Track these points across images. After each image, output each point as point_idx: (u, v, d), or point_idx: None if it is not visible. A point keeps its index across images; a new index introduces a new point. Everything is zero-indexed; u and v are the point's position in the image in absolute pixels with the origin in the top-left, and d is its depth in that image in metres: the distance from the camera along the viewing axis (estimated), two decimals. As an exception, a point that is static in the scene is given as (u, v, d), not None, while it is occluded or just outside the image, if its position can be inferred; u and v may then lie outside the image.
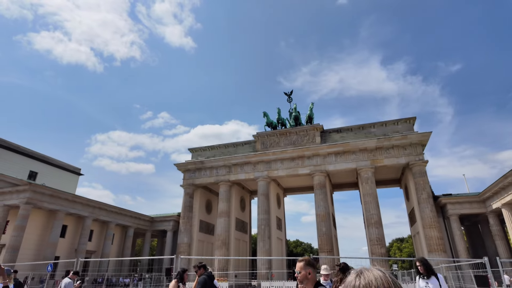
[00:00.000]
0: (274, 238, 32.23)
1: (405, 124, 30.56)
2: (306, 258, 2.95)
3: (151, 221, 37.49)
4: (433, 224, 25.93)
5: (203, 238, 35.92)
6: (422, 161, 27.90)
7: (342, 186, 39.54)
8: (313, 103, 34.48)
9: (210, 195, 39.06)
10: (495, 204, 25.29)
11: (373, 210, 27.94)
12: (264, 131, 34.01)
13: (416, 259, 6.12)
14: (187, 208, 34.25)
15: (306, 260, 2.91)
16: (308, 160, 30.88)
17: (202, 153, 37.07)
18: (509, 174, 21.76)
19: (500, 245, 26.15)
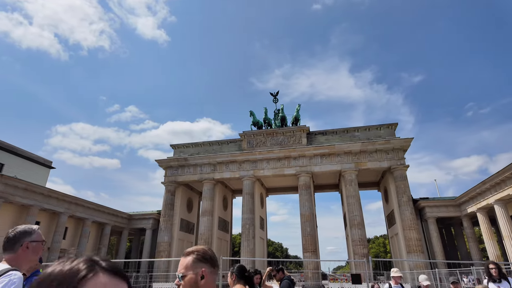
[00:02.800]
0: (257, 238, 32.17)
1: (387, 129, 31.61)
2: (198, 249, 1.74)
3: (129, 219, 36.12)
4: (413, 226, 27.02)
5: (183, 237, 35.14)
6: (404, 166, 28.97)
7: (323, 188, 40.22)
8: (299, 104, 34.84)
9: (191, 193, 38.32)
10: (470, 208, 26.80)
11: (356, 212, 28.62)
12: (251, 130, 33.85)
13: (489, 262, 6.11)
14: (168, 206, 33.33)
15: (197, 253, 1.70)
16: (294, 160, 31.11)
17: (185, 150, 36.22)
18: (487, 181, 23.14)
19: (473, 247, 27.76)
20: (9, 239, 2.27)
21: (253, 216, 31.11)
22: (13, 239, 2.27)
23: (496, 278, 5.67)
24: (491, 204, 23.95)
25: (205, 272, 1.64)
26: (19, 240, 2.28)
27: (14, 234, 2.29)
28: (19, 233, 2.30)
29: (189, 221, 36.98)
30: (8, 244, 2.26)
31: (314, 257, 27.81)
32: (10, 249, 2.26)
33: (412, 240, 26.47)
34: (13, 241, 2.27)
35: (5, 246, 2.27)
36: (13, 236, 2.28)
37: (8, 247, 2.26)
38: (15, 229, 2.33)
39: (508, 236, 22.78)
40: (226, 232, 37.80)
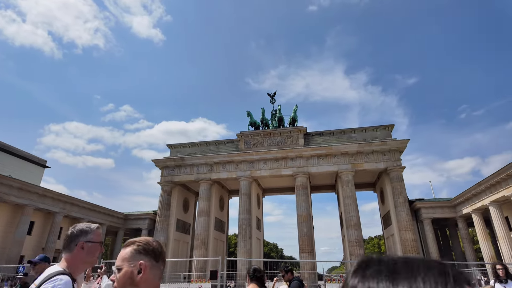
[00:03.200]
0: (254, 238, 32.14)
1: (383, 130, 31.80)
2: (140, 239, 1.58)
3: (125, 219, 35.87)
4: (409, 227, 27.20)
5: (179, 238, 35.00)
6: (400, 167, 29.16)
7: (319, 188, 40.30)
8: (297, 105, 34.94)
9: (187, 194, 38.18)
10: (465, 210, 27.09)
11: (353, 212, 28.76)
12: (248, 131, 33.84)
13: (496, 263, 6.17)
14: (165, 206, 33.18)
15: (138, 244, 1.52)
16: (292, 161, 31.15)
17: (182, 150, 36.07)
18: (483, 182, 23.41)
19: (468, 248, 28.07)
20: (67, 237, 2.14)
21: (250, 216, 31.08)
22: (70, 237, 2.12)
23: (503, 279, 5.73)
24: (486, 205, 24.24)
25: (143, 266, 1.41)
26: (75, 239, 2.12)
27: (72, 232, 2.15)
28: (76, 231, 2.15)
29: (185, 221, 36.84)
30: (66, 243, 2.14)
31: (311, 258, 27.87)
32: (67, 248, 2.11)
33: (408, 241, 26.66)
34: (69, 239, 2.12)
35: (64, 245, 2.15)
36: (70, 235, 2.14)
37: (66, 246, 2.12)
38: (74, 227, 2.20)
39: (502, 237, 23.06)
40: (222, 233, 37.71)
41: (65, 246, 2.12)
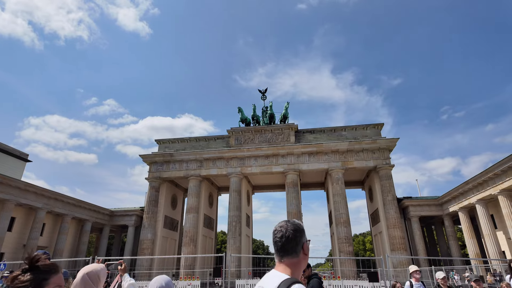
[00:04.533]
0: (243, 235, 31.93)
1: (373, 129, 32.08)
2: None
3: (111, 215, 34.91)
4: (397, 225, 27.59)
5: (167, 235, 34.40)
6: (389, 165, 29.50)
7: (309, 186, 40.44)
8: (288, 102, 34.79)
9: (176, 190, 37.56)
10: (452, 208, 27.69)
11: (342, 210, 28.93)
12: (239, 127, 33.49)
13: (510, 260, 6.14)
14: (152, 202, 32.49)
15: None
16: (282, 158, 31.04)
17: (171, 145, 35.38)
18: (470, 181, 23.93)
19: (453, 245, 28.73)
20: (291, 239, 1.65)
21: (240, 213, 30.82)
22: (295, 239, 1.65)
23: None
24: (473, 203, 24.82)
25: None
26: (300, 240, 1.67)
27: (293, 232, 1.66)
28: (296, 230, 1.68)
29: (173, 218, 36.24)
30: (291, 246, 1.64)
31: (300, 255, 27.89)
32: (293, 252, 1.63)
33: (396, 238, 27.03)
34: (295, 242, 1.65)
35: (286, 248, 1.63)
36: (293, 236, 1.66)
37: (290, 250, 1.63)
38: (289, 226, 1.69)
39: (488, 234, 23.67)
40: (211, 230, 37.33)
41: (290, 250, 1.62)
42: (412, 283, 7.26)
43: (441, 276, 6.98)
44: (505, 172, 21.11)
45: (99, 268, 2.96)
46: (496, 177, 21.94)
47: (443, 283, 7.02)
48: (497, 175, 21.72)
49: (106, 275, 3.64)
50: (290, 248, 1.59)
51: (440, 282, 7.03)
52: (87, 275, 2.72)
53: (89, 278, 2.71)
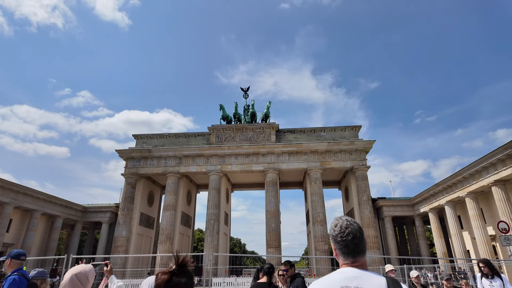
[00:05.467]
0: (221, 233, 31.85)
1: (351, 131, 32.93)
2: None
3: (84, 212, 33.63)
4: (371, 224, 28.54)
5: (143, 232, 33.65)
6: (365, 166, 30.43)
7: (288, 185, 40.90)
8: (270, 102, 34.97)
9: (153, 187, 36.77)
10: (423, 208, 29.01)
11: (319, 209, 29.53)
12: (220, 125, 33.28)
13: (479, 260, 6.43)
14: (128, 199, 31.63)
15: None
16: (263, 157, 31.19)
17: (149, 141, 34.57)
18: (441, 183, 25.15)
19: (422, 244, 30.14)
20: (361, 239, 1.63)
21: (218, 211, 30.68)
22: (364, 239, 1.65)
23: (489, 275, 6.04)
24: (442, 205, 26.13)
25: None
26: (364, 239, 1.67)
27: (362, 232, 1.66)
28: (362, 230, 1.68)
29: (149, 215, 35.48)
30: (362, 245, 1.62)
31: (277, 253, 28.19)
32: (364, 251, 1.62)
33: (370, 237, 27.94)
34: (364, 241, 1.65)
35: (360, 248, 1.60)
36: (362, 236, 1.65)
37: (363, 249, 1.62)
38: (356, 226, 1.66)
39: (455, 234, 25.02)
40: (188, 227, 36.91)
41: (363, 250, 1.61)
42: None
43: (415, 275, 7.33)
44: (472, 176, 22.37)
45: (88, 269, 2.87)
46: (464, 180, 23.21)
47: (417, 281, 7.37)
48: (465, 178, 22.98)
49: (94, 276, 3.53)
50: (362, 247, 1.59)
51: (414, 281, 7.37)
52: (76, 276, 2.63)
53: (78, 279, 2.62)
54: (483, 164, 20.78)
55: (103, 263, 3.64)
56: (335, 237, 1.62)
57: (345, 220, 1.67)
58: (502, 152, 19.20)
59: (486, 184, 21.14)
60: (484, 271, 6.13)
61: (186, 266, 1.65)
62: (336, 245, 1.61)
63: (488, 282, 6.02)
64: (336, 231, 1.64)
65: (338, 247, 1.61)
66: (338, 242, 1.60)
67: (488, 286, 5.99)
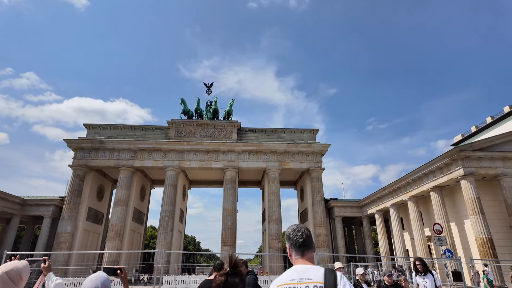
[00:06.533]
0: (175, 230, 31.10)
1: (309, 134, 34.07)
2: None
3: (23, 204, 30.70)
4: (323, 223, 29.84)
5: (90, 228, 31.66)
6: (320, 168, 31.70)
7: (246, 183, 41.10)
8: (233, 99, 34.96)
9: (103, 180, 34.73)
10: (370, 210, 31.02)
11: (276, 208, 30.18)
12: (180, 119, 32.45)
13: (415, 259, 6.93)
14: (75, 192, 29.53)
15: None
16: (223, 155, 31.03)
17: (101, 132, 32.57)
18: (387, 187, 27.09)
19: (368, 244, 32.22)
20: (308, 236, 2.00)
21: (174, 208, 29.94)
22: (311, 236, 2.02)
23: (422, 272, 6.65)
24: (387, 207, 28.20)
25: None
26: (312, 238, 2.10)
27: (308, 231, 2.05)
28: (309, 231, 2.10)
29: (98, 210, 33.46)
30: (309, 241, 1.99)
31: (232, 251, 28.26)
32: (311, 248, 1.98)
33: (321, 236, 29.22)
34: (311, 238, 2.04)
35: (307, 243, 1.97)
36: (310, 234, 2.05)
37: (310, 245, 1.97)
38: (304, 226, 2.05)
39: (397, 235, 27.13)
40: (140, 224, 35.47)
41: (310, 245, 1.96)
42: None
43: (361, 272, 7.85)
44: (414, 181, 24.44)
45: (21, 266, 2.65)
46: (408, 185, 25.27)
47: (362, 278, 7.88)
48: (408, 183, 25.03)
49: (29, 273, 3.24)
50: (310, 243, 1.93)
51: (359, 278, 7.88)
52: (7, 274, 2.41)
53: (9, 278, 2.40)
54: (424, 171, 22.80)
55: (40, 259, 3.34)
56: (289, 235, 1.98)
57: (298, 225, 2.04)
58: (440, 161, 21.23)
59: (426, 190, 23.23)
60: (419, 268, 6.75)
61: (238, 267, 1.84)
62: (289, 241, 1.95)
63: (421, 279, 6.65)
64: (289, 231, 2.00)
65: (291, 243, 1.95)
66: (291, 238, 1.95)
67: (421, 282, 6.62)
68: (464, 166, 20.10)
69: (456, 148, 20.34)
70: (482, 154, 20.33)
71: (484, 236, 19.09)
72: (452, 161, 20.71)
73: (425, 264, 6.83)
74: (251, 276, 5.14)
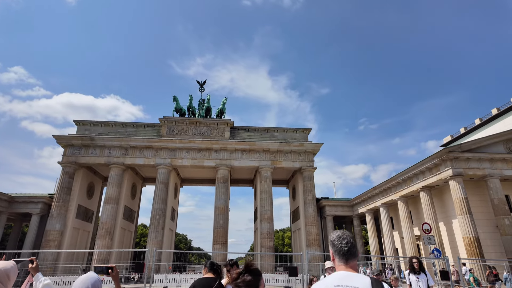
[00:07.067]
0: (167, 229, 30.93)
1: (302, 133, 34.20)
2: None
3: (10, 202, 30.11)
4: (314, 222, 30.03)
5: (80, 226, 31.25)
6: (312, 167, 31.88)
7: (238, 182, 41.10)
8: (226, 98, 34.84)
9: (94, 178, 34.28)
10: (361, 209, 31.36)
11: (267, 207, 30.24)
12: (173, 117, 32.21)
13: (412, 257, 7.00)
14: (65, 189, 29.10)
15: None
16: (215, 153, 30.95)
17: (92, 128, 32.12)
18: (377, 187, 27.41)
19: (359, 243, 32.59)
20: (353, 244, 2.08)
21: (165, 206, 29.75)
22: (356, 245, 2.13)
23: (417, 270, 6.72)
24: (378, 206, 28.54)
25: None
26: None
27: (354, 239, 2.16)
28: (354, 239, 2.21)
29: (88, 208, 33.02)
30: (354, 249, 2.08)
31: (224, 249, 28.25)
32: (356, 256, 2.08)
33: (312, 235, 29.42)
34: (356, 247, 2.15)
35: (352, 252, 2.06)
36: (355, 242, 2.15)
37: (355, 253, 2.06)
38: (349, 234, 2.13)
39: (387, 234, 27.49)
40: (131, 222, 35.17)
41: (354, 254, 1.99)
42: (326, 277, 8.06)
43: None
44: (404, 181, 24.78)
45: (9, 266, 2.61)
46: (398, 185, 25.62)
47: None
48: (398, 183, 25.37)
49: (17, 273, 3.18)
50: (354, 252, 1.96)
51: None
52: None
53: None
54: (414, 172, 23.14)
55: (27, 259, 3.27)
56: (333, 242, 2.01)
57: (343, 232, 2.08)
58: (430, 162, 21.57)
59: (416, 190, 23.58)
60: (415, 266, 6.83)
61: (251, 266, 2.04)
62: (333, 248, 1.99)
63: (415, 278, 6.73)
64: (334, 237, 2.03)
65: (335, 250, 1.98)
66: (335, 245, 1.98)
67: (415, 281, 6.70)
68: (453, 167, 20.47)
69: (445, 149, 20.69)
70: (470, 155, 20.73)
71: (471, 236, 19.49)
72: (441, 162, 21.07)
73: (421, 262, 6.93)
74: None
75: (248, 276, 1.98)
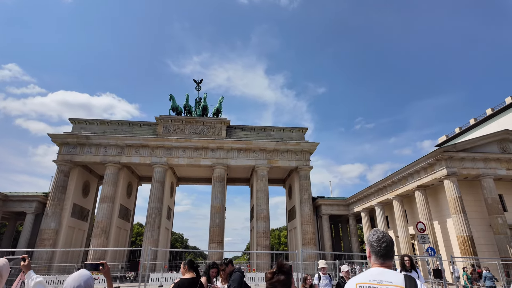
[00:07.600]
0: (162, 228, 30.89)
1: (298, 132, 34.28)
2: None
3: (4, 200, 29.86)
4: (310, 221, 30.14)
5: (75, 224, 31.09)
6: (308, 167, 31.98)
7: (235, 181, 41.12)
8: (223, 96, 34.75)
9: (89, 176, 34.11)
10: (356, 208, 31.51)
11: (264, 206, 30.30)
12: (169, 115, 32.13)
13: (404, 255, 7.05)
14: (60, 188, 28.95)
15: None
16: (212, 152, 30.92)
17: (88, 127, 31.95)
18: (373, 186, 27.56)
19: (354, 241, 32.77)
20: (391, 247, 2.11)
21: (161, 205, 29.70)
22: (393, 247, 2.13)
23: (408, 269, 6.77)
24: (373, 205, 28.70)
25: None
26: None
27: (392, 242, 2.16)
28: (393, 241, 2.18)
29: (83, 207, 32.86)
30: (392, 252, 2.09)
31: (220, 248, 28.26)
32: (392, 257, 2.09)
33: (308, 233, 29.53)
34: (393, 250, 2.15)
35: (390, 254, 2.07)
36: (393, 245, 2.16)
37: (392, 255, 2.07)
38: (389, 236, 2.16)
39: (382, 233, 27.61)
40: (127, 221, 35.05)
41: (391, 256, 2.04)
42: (320, 275, 8.17)
43: (346, 269, 8.00)
44: (400, 181, 24.94)
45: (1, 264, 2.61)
46: (393, 184, 25.78)
47: (346, 275, 8.04)
48: (394, 182, 25.53)
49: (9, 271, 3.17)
50: (391, 254, 2.03)
51: (344, 275, 8.03)
52: None
53: None
54: (409, 171, 23.30)
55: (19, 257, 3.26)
56: (372, 243, 2.05)
57: (383, 234, 2.11)
58: (425, 161, 21.72)
59: (411, 189, 23.75)
60: (407, 264, 6.88)
61: (283, 266, 2.18)
62: (371, 248, 2.05)
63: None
64: (373, 239, 2.07)
65: (372, 250, 2.04)
66: (374, 246, 2.04)
67: None
68: (448, 167, 20.64)
69: (440, 149, 20.85)
70: (465, 155, 20.91)
71: (465, 235, 19.68)
72: (436, 162, 21.24)
73: (413, 261, 6.99)
74: (237, 273, 5.19)
75: (282, 276, 2.13)
